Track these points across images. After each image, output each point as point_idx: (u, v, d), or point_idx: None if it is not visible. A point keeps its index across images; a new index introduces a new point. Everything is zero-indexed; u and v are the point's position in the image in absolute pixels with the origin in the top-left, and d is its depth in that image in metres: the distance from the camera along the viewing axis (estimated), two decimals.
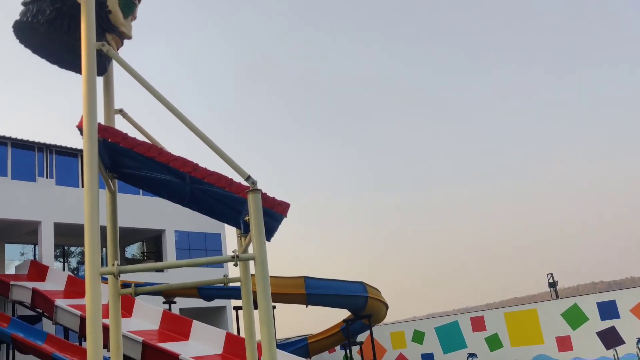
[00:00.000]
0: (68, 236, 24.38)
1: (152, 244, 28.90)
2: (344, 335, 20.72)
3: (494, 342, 25.27)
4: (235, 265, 5.92)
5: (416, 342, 26.92)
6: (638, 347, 19.76)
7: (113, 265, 4.95)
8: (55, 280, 20.01)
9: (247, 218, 5.55)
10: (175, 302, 20.54)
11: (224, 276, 6.38)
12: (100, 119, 5.51)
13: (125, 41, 5.92)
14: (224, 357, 15.32)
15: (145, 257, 29.66)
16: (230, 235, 29.40)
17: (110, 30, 5.59)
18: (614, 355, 20.17)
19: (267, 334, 5.82)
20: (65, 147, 24.63)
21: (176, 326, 16.57)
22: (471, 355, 25.20)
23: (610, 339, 22.25)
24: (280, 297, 18.44)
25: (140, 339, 14.36)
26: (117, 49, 5.79)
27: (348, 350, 22.24)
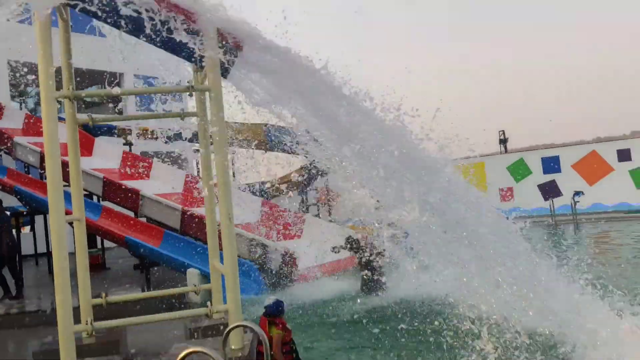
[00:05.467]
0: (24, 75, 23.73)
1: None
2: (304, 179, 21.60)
3: None
4: (190, 95, 6.09)
5: None
6: (573, 199, 21.30)
7: (68, 89, 5.05)
8: (13, 119, 19.79)
9: (202, 52, 5.65)
10: (132, 144, 20.77)
11: (181, 110, 6.61)
12: None
13: None
14: (184, 195, 15.97)
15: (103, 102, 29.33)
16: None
17: None
18: (550, 206, 21.76)
19: (223, 173, 6.17)
20: None
21: (137, 166, 16.97)
22: None
23: (550, 191, 23.86)
24: (239, 142, 18.82)
25: (101, 175, 14.76)
26: None
27: (304, 195, 23.35)
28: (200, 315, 6.69)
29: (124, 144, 20.36)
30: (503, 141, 28.52)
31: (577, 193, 22.61)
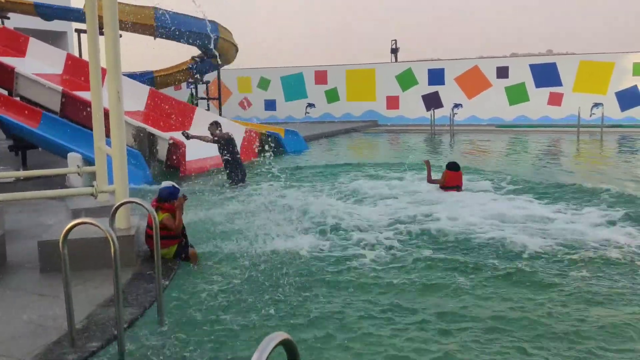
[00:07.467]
0: None
1: None
2: (192, 72, 21.00)
3: (332, 96, 27.21)
4: None
5: (261, 89, 28.14)
6: (452, 111, 22.52)
7: None
8: None
9: None
10: (9, 18, 19.00)
11: None
12: None
13: None
14: (63, 78, 15.07)
15: None
16: None
17: None
18: (431, 116, 22.88)
19: (113, 57, 5.93)
20: None
21: (11, 41, 15.64)
22: (310, 105, 27.05)
23: (432, 102, 25.04)
24: (128, 26, 17.81)
25: None
26: None
27: (193, 88, 22.77)
28: (83, 195, 6.64)
29: None
30: (394, 50, 29.11)
31: (456, 105, 23.90)
